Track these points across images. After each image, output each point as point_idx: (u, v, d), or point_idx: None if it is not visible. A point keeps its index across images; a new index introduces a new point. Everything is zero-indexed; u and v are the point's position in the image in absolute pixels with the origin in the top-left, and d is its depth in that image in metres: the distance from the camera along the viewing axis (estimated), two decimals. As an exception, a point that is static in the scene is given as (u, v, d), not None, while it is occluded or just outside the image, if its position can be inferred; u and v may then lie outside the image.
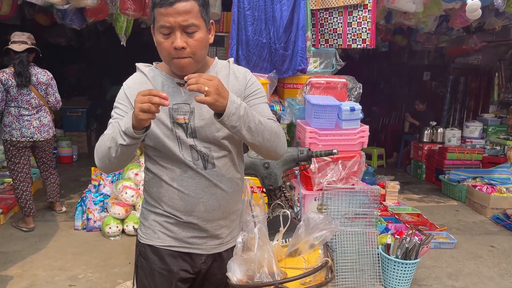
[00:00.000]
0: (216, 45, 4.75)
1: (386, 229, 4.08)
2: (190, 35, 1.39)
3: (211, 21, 1.48)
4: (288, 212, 1.82)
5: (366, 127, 3.74)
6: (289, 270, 1.51)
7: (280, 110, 4.14)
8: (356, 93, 4.11)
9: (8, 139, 4.12)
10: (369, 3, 4.10)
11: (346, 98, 3.97)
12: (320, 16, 4.35)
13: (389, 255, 3.26)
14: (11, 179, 5.01)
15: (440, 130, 6.71)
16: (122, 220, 4.24)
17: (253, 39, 4.11)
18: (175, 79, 1.49)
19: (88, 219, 4.32)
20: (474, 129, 6.63)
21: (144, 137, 1.39)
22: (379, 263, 3.23)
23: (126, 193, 4.23)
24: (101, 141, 1.42)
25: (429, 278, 3.56)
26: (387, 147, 7.79)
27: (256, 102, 1.54)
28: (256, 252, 1.43)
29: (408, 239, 3.24)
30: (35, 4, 4.52)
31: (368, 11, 4.13)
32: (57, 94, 4.37)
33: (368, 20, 4.14)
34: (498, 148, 6.40)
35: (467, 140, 6.61)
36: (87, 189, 4.70)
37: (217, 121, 1.33)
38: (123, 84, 1.54)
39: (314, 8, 4.28)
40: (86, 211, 4.33)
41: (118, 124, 1.35)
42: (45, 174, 4.59)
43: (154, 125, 1.41)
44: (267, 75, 4.06)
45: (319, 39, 4.44)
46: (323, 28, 4.38)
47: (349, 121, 3.66)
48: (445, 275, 3.63)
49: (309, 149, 2.37)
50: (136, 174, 4.51)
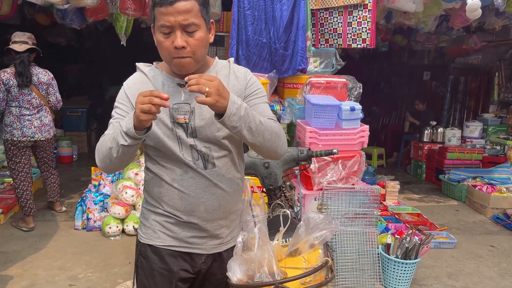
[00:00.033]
0: (216, 44, 4.75)
1: (386, 229, 4.08)
2: (191, 34, 1.39)
3: (211, 20, 1.48)
4: (288, 212, 1.82)
5: (366, 127, 3.74)
6: (289, 270, 1.51)
7: (280, 110, 4.14)
8: (356, 92, 4.11)
9: (9, 138, 4.12)
10: (369, 3, 4.10)
11: (346, 98, 3.98)
12: (320, 16, 4.35)
13: (389, 255, 3.26)
14: (11, 179, 5.02)
15: (440, 129, 6.71)
16: (122, 220, 4.24)
17: (253, 39, 4.11)
18: (175, 79, 1.49)
19: (88, 219, 4.32)
20: (474, 128, 6.63)
21: (144, 137, 1.40)
22: (379, 263, 3.23)
23: (126, 192, 4.23)
24: (102, 141, 1.42)
25: (429, 278, 3.56)
26: (387, 147, 7.79)
27: (256, 102, 1.54)
28: (256, 252, 1.43)
29: (408, 239, 3.24)
30: (35, 4, 4.52)
31: (368, 11, 4.13)
32: (57, 94, 4.38)
33: (368, 19, 4.14)
34: (498, 147, 6.40)
35: (467, 140, 6.61)
36: (87, 189, 4.70)
37: (217, 121, 1.33)
38: (123, 84, 1.54)
39: (314, 8, 4.28)
40: (86, 211, 4.33)
41: (119, 124, 1.35)
42: (45, 174, 4.59)
43: (154, 125, 1.41)
44: (267, 75, 4.06)
45: (319, 39, 4.44)
46: (323, 28, 4.38)
47: (349, 120, 3.66)
48: (445, 274, 3.63)
49: (309, 149, 2.37)
50: (136, 174, 4.51)
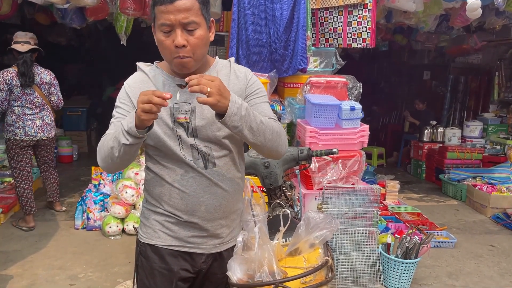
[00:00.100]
0: (216, 44, 4.75)
1: (386, 229, 4.08)
2: (191, 32, 1.39)
3: (211, 19, 1.48)
4: (288, 212, 1.82)
5: (366, 127, 3.74)
6: (289, 270, 1.51)
7: (280, 109, 4.14)
8: (356, 92, 4.11)
9: (12, 138, 4.13)
10: (369, 2, 4.10)
11: (346, 97, 3.98)
12: (320, 15, 4.35)
13: (389, 255, 3.26)
14: (11, 179, 5.05)
15: (440, 129, 6.70)
16: (122, 220, 4.24)
17: (253, 39, 4.11)
18: (176, 78, 1.49)
19: (88, 218, 4.32)
20: (474, 128, 6.63)
21: (146, 136, 1.39)
22: (379, 262, 3.23)
23: (126, 192, 4.23)
24: (104, 141, 1.42)
25: (429, 278, 3.56)
26: (387, 147, 7.79)
27: (257, 102, 1.54)
28: (257, 251, 1.43)
29: (408, 238, 3.24)
30: (35, 4, 4.52)
31: (368, 10, 4.12)
32: (59, 93, 4.42)
33: (368, 19, 4.14)
34: (498, 147, 6.40)
35: (467, 139, 6.61)
36: (87, 189, 4.70)
37: (218, 121, 1.33)
38: (124, 83, 1.54)
39: (314, 7, 4.28)
40: (86, 210, 4.33)
41: (120, 124, 1.35)
42: (45, 174, 4.60)
43: (155, 124, 1.41)
44: (267, 75, 4.06)
45: (319, 38, 4.43)
46: (323, 27, 4.37)
47: (349, 120, 3.66)
48: (445, 274, 3.63)
49: (309, 149, 2.37)
50: (136, 174, 4.51)
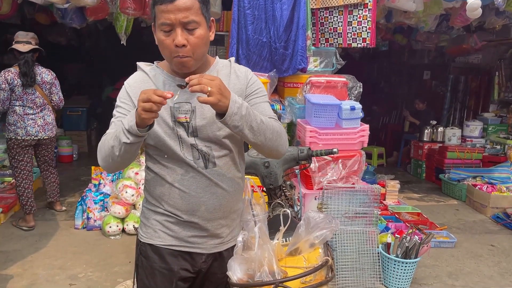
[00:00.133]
0: (216, 44, 4.76)
1: (386, 228, 4.07)
2: (191, 32, 1.39)
3: (211, 18, 1.48)
4: (289, 211, 1.82)
5: (366, 126, 3.75)
6: (289, 269, 1.51)
7: (280, 109, 4.15)
8: (356, 92, 4.11)
9: (13, 137, 4.14)
10: (369, 2, 4.10)
11: (346, 97, 3.98)
12: (320, 15, 4.35)
13: (389, 254, 3.26)
14: (11, 178, 5.05)
15: (440, 129, 6.70)
16: (122, 219, 4.24)
17: (253, 38, 4.11)
18: (176, 78, 1.49)
19: (88, 218, 4.32)
20: (474, 128, 6.62)
21: (146, 135, 1.39)
22: (379, 262, 3.23)
23: (126, 192, 4.23)
24: (104, 140, 1.42)
25: (429, 277, 3.56)
26: (387, 146, 7.79)
27: (257, 101, 1.54)
28: (257, 251, 1.43)
29: (408, 238, 3.24)
30: (35, 3, 4.52)
31: (369, 10, 4.12)
32: (60, 93, 4.44)
33: (368, 19, 4.14)
34: (498, 147, 6.40)
35: (467, 139, 6.61)
36: (87, 188, 4.70)
37: (219, 121, 1.33)
38: (125, 83, 1.54)
39: (314, 7, 4.28)
40: (86, 210, 4.33)
41: (121, 122, 1.35)
42: (45, 173, 4.60)
43: (155, 123, 1.41)
44: (267, 74, 4.06)
45: (319, 38, 4.43)
46: (323, 27, 4.37)
47: (349, 120, 3.66)
48: (445, 274, 3.63)
49: (309, 148, 2.37)
50: (136, 173, 4.51)
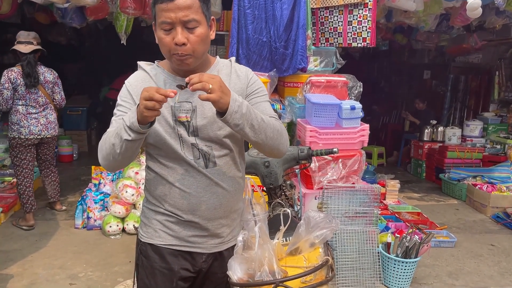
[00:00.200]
0: (216, 43, 4.76)
1: (386, 228, 4.07)
2: (191, 30, 1.39)
3: (212, 17, 1.48)
4: (289, 211, 1.82)
5: (367, 126, 3.75)
6: (289, 269, 1.51)
7: (281, 108, 4.15)
8: (356, 91, 4.12)
9: (16, 136, 4.15)
10: (369, 1, 4.10)
11: (347, 96, 3.98)
12: (321, 15, 4.35)
13: (389, 254, 3.27)
14: (11, 178, 5.05)
15: (441, 128, 6.70)
16: (123, 219, 4.24)
17: (253, 38, 4.12)
18: (177, 77, 1.49)
19: (88, 217, 4.32)
20: (474, 127, 6.62)
21: (148, 132, 1.39)
22: (379, 261, 3.23)
23: (126, 191, 4.23)
24: (105, 138, 1.42)
25: (429, 277, 3.56)
26: (387, 146, 7.79)
27: (258, 101, 1.54)
28: (257, 250, 1.43)
29: (408, 237, 3.24)
30: (35, 3, 4.52)
31: (369, 10, 4.12)
32: (62, 92, 4.48)
33: (368, 18, 4.14)
34: (498, 146, 6.40)
35: (467, 138, 6.60)
36: (87, 188, 4.69)
37: (220, 119, 1.33)
38: (125, 81, 1.54)
39: (315, 7, 4.28)
40: (86, 209, 4.33)
41: (122, 120, 1.35)
42: (45, 172, 4.59)
43: (156, 122, 1.41)
44: (267, 74, 4.07)
45: (320, 38, 4.43)
46: (324, 27, 4.37)
47: (349, 119, 3.67)
48: (445, 273, 3.63)
49: (310, 148, 2.37)
50: (137, 173, 4.51)
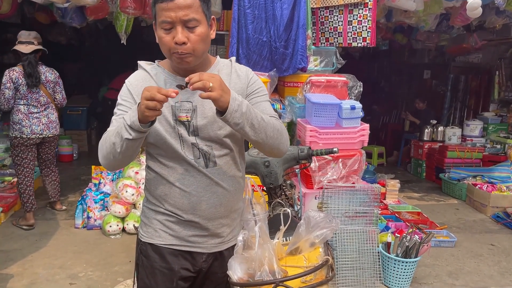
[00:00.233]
0: (216, 43, 4.75)
1: (387, 228, 4.07)
2: (191, 29, 1.39)
3: (212, 16, 1.48)
4: (289, 211, 1.82)
5: (367, 126, 3.75)
6: (289, 269, 1.51)
7: (281, 108, 4.15)
8: (356, 91, 4.12)
9: (18, 136, 4.16)
10: (369, 1, 4.10)
11: (347, 96, 3.98)
12: (321, 15, 4.35)
13: (390, 254, 3.27)
14: (11, 178, 5.05)
15: (441, 128, 6.70)
16: (123, 219, 4.24)
17: (253, 38, 4.11)
18: (177, 77, 1.49)
19: (88, 217, 4.32)
20: (474, 127, 6.62)
21: (149, 131, 1.39)
22: (379, 261, 3.23)
23: (126, 191, 4.23)
24: (105, 137, 1.42)
25: (429, 277, 3.56)
26: (387, 146, 7.79)
27: (258, 100, 1.55)
28: (257, 250, 1.43)
29: (408, 237, 3.24)
30: (35, 3, 4.52)
31: (369, 10, 4.12)
32: (63, 92, 4.50)
33: (368, 18, 4.14)
34: (498, 146, 6.40)
35: (467, 138, 6.60)
36: (87, 188, 4.69)
37: (220, 118, 1.33)
38: (126, 81, 1.54)
39: (315, 7, 4.28)
40: (86, 209, 4.33)
41: (123, 119, 1.35)
42: (46, 172, 4.60)
43: (156, 122, 1.41)
44: (267, 74, 4.07)
45: (320, 38, 4.43)
46: (324, 27, 4.37)
47: (349, 119, 3.67)
48: (445, 273, 3.63)
49: (310, 148, 2.37)
50: (137, 173, 4.51)
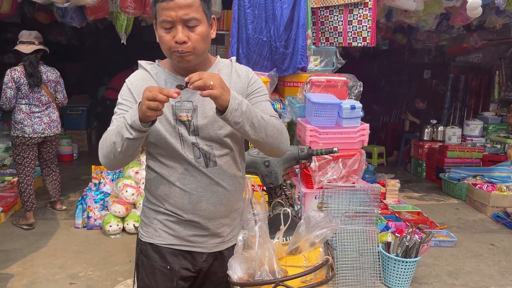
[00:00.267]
0: (216, 43, 4.75)
1: (387, 227, 4.07)
2: (192, 29, 1.39)
3: (212, 16, 1.48)
4: (289, 210, 1.82)
5: (367, 125, 3.75)
6: (289, 268, 1.51)
7: (281, 108, 4.15)
8: (356, 91, 4.12)
9: (20, 135, 4.17)
10: (369, 1, 4.10)
11: (347, 96, 3.98)
12: (321, 14, 4.35)
13: (390, 253, 3.27)
14: (11, 177, 5.05)
15: (441, 128, 6.70)
16: (123, 218, 4.24)
17: (253, 37, 4.11)
18: (178, 76, 1.49)
19: (88, 217, 4.32)
20: (474, 127, 6.62)
21: (149, 130, 1.39)
22: (379, 261, 3.23)
23: (126, 191, 4.23)
24: (106, 136, 1.42)
25: (429, 276, 3.56)
26: (387, 146, 7.79)
27: (258, 100, 1.55)
28: (257, 250, 1.43)
29: (408, 237, 3.24)
30: (35, 2, 4.52)
31: (369, 9, 4.12)
32: (64, 91, 4.52)
33: (368, 18, 4.14)
34: (498, 146, 6.40)
35: (467, 138, 6.60)
36: (87, 187, 4.69)
37: (220, 117, 1.33)
38: (126, 80, 1.54)
39: (315, 6, 4.28)
40: (86, 209, 4.33)
41: (123, 118, 1.35)
42: (47, 171, 4.60)
43: (157, 121, 1.41)
44: (267, 73, 4.07)
45: (320, 37, 4.43)
46: (324, 26, 4.37)
47: (349, 119, 3.67)
48: (445, 273, 3.63)
49: (310, 147, 2.37)
50: (137, 173, 4.51)
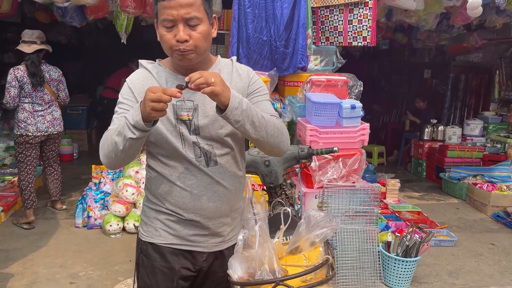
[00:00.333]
0: (216, 42, 4.75)
1: (387, 227, 4.08)
2: (193, 28, 1.39)
3: (213, 15, 1.48)
4: (289, 210, 1.82)
5: (367, 125, 3.75)
6: (290, 268, 1.51)
7: (281, 108, 4.15)
8: (356, 91, 4.12)
9: (24, 134, 4.18)
10: (370, 0, 4.10)
11: (347, 96, 3.98)
12: (321, 14, 4.35)
13: (390, 253, 3.27)
14: (11, 177, 5.06)
15: (441, 128, 6.70)
16: (123, 218, 4.24)
17: (253, 37, 4.11)
18: (178, 76, 1.49)
19: (88, 217, 4.32)
20: (474, 127, 6.62)
21: (152, 129, 1.39)
22: (379, 260, 3.23)
23: (126, 191, 4.23)
24: (107, 136, 1.42)
25: (430, 276, 3.56)
26: (387, 145, 7.79)
27: (259, 100, 1.55)
28: (257, 249, 1.43)
29: (408, 237, 3.24)
30: (35, 2, 4.53)
31: (369, 9, 4.12)
32: (66, 90, 4.55)
33: (368, 17, 4.13)
34: (498, 146, 6.39)
35: (467, 138, 6.60)
36: (87, 187, 4.69)
37: (220, 116, 1.33)
38: (127, 79, 1.54)
39: (315, 6, 4.28)
40: (86, 209, 4.33)
41: (125, 118, 1.35)
42: (49, 170, 4.61)
43: (158, 121, 1.41)
44: (267, 73, 4.07)
45: (320, 37, 4.43)
46: (324, 26, 4.37)
47: (349, 119, 3.67)
48: (445, 272, 3.64)
49: (310, 147, 2.37)
50: (137, 172, 4.51)
